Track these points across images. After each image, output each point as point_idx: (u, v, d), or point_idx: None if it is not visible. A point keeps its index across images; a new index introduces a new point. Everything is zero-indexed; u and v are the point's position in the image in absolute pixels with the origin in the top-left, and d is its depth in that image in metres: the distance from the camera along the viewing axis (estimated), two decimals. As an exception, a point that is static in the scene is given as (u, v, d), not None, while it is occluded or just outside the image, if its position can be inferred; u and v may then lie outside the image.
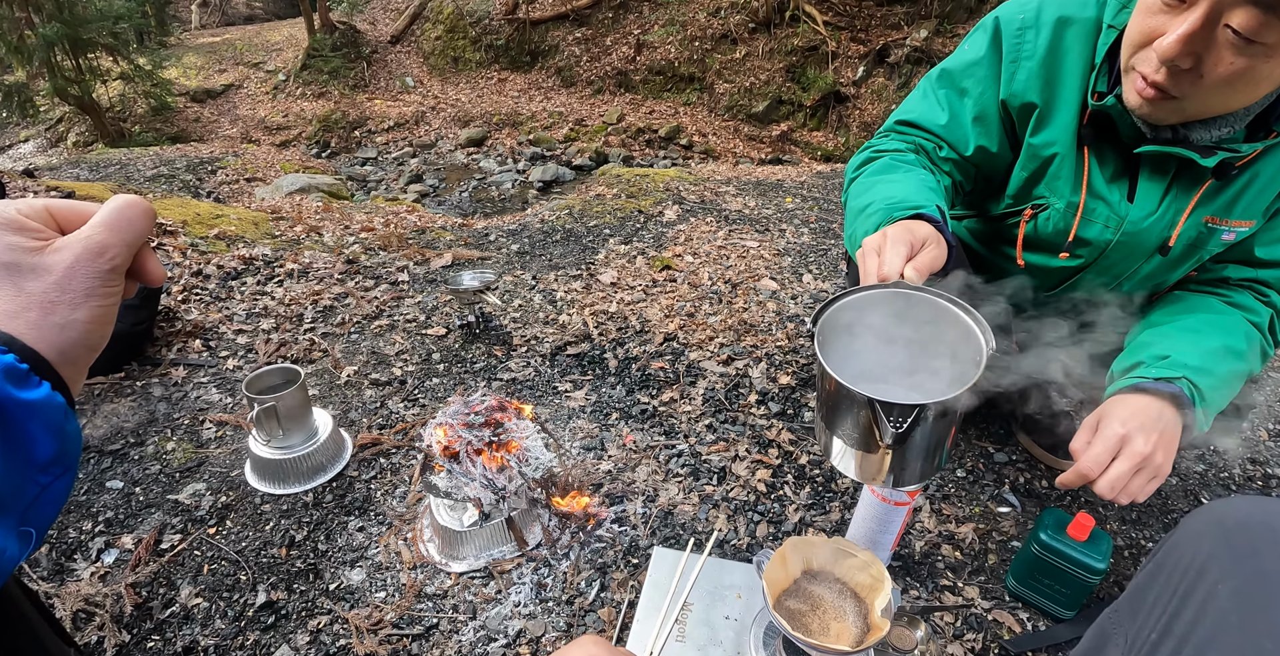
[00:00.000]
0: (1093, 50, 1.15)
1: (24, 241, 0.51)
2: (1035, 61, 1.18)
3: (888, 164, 1.31)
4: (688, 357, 2.15)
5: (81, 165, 5.49)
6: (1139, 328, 1.30)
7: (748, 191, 3.96)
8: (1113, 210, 1.20)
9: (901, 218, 1.08)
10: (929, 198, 1.15)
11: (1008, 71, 1.21)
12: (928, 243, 1.01)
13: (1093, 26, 1.14)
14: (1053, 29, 1.16)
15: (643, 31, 12.11)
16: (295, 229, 3.28)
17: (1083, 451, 1.06)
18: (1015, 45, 1.19)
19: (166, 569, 1.43)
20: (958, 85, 1.29)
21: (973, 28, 1.34)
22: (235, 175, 5.70)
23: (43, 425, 0.47)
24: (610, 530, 1.48)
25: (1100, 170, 1.20)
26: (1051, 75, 1.18)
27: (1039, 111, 1.20)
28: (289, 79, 11.74)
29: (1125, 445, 1.03)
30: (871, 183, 1.26)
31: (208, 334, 2.27)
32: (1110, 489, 1.03)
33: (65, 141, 9.08)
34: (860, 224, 1.18)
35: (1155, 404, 1.06)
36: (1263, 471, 1.87)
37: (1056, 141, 1.20)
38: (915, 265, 0.97)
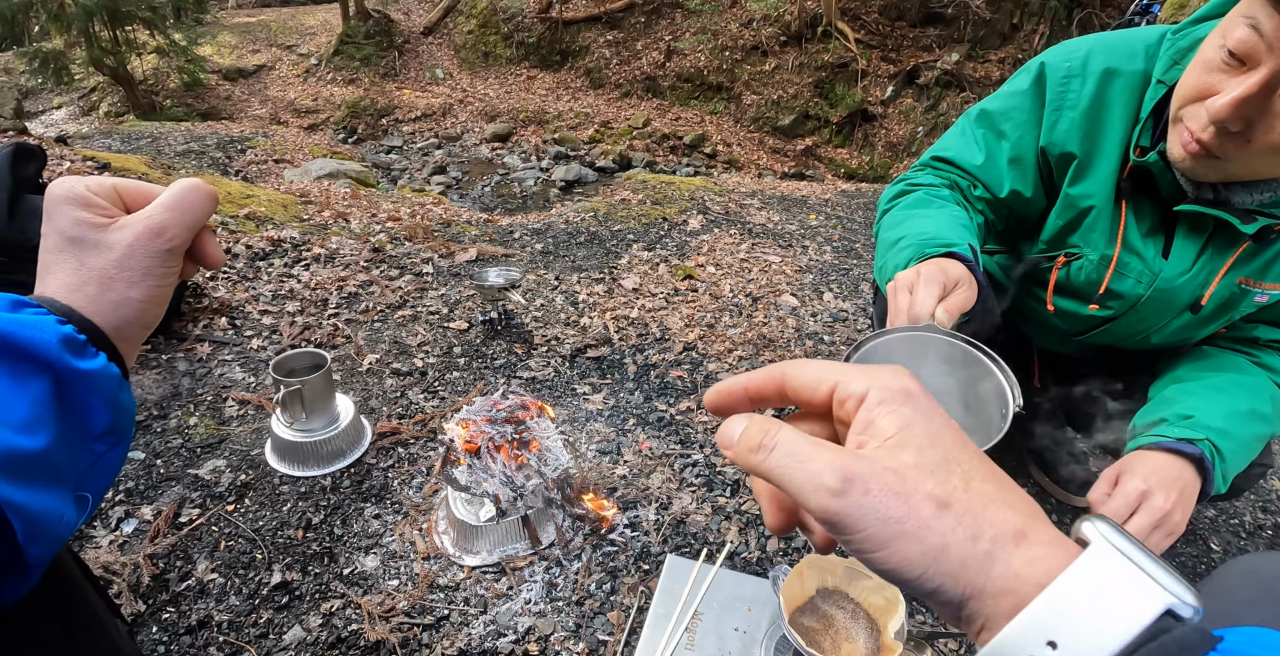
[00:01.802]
0: (1137, 103, 1.13)
1: (90, 217, 0.53)
2: (1078, 112, 1.17)
3: (922, 198, 1.31)
4: (706, 368, 2.17)
5: (114, 136, 5.55)
6: (1165, 381, 1.30)
7: (772, 205, 3.98)
8: (1146, 265, 1.19)
9: (934, 254, 1.09)
10: (962, 235, 1.15)
11: (1049, 119, 1.20)
12: (960, 283, 1.02)
13: (1139, 79, 1.13)
14: (1099, 80, 1.15)
15: (674, 38, 12.15)
16: (323, 214, 3.31)
17: (1101, 503, 1.07)
18: (1060, 93, 1.18)
19: (184, 542, 1.45)
20: (996, 127, 1.29)
21: (1018, 70, 1.35)
22: (264, 155, 5.75)
23: (98, 395, 0.49)
24: (623, 535, 1.49)
25: (1137, 224, 1.19)
26: (1094, 126, 1.17)
27: (1078, 162, 1.19)
28: (321, 63, 11.84)
29: (1145, 501, 1.04)
30: (905, 216, 1.27)
31: (234, 312, 2.30)
32: None
33: (97, 111, 9.19)
34: (892, 257, 1.19)
35: (1176, 463, 1.07)
36: (1273, 521, 1.87)
37: (1094, 194, 1.19)
38: (946, 306, 0.97)
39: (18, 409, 0.44)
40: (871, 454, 0.34)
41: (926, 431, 0.34)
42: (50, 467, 0.46)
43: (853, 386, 0.36)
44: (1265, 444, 1.24)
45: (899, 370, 0.38)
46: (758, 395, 0.41)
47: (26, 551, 0.45)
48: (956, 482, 0.32)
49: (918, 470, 0.32)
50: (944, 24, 10.39)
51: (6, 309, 0.46)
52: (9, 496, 0.43)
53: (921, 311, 0.96)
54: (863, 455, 0.33)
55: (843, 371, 0.38)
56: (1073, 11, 9.45)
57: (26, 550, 0.45)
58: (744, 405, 0.42)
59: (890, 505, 0.32)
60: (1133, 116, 1.14)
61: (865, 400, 0.36)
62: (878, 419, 0.35)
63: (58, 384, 0.47)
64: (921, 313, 0.96)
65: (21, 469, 0.44)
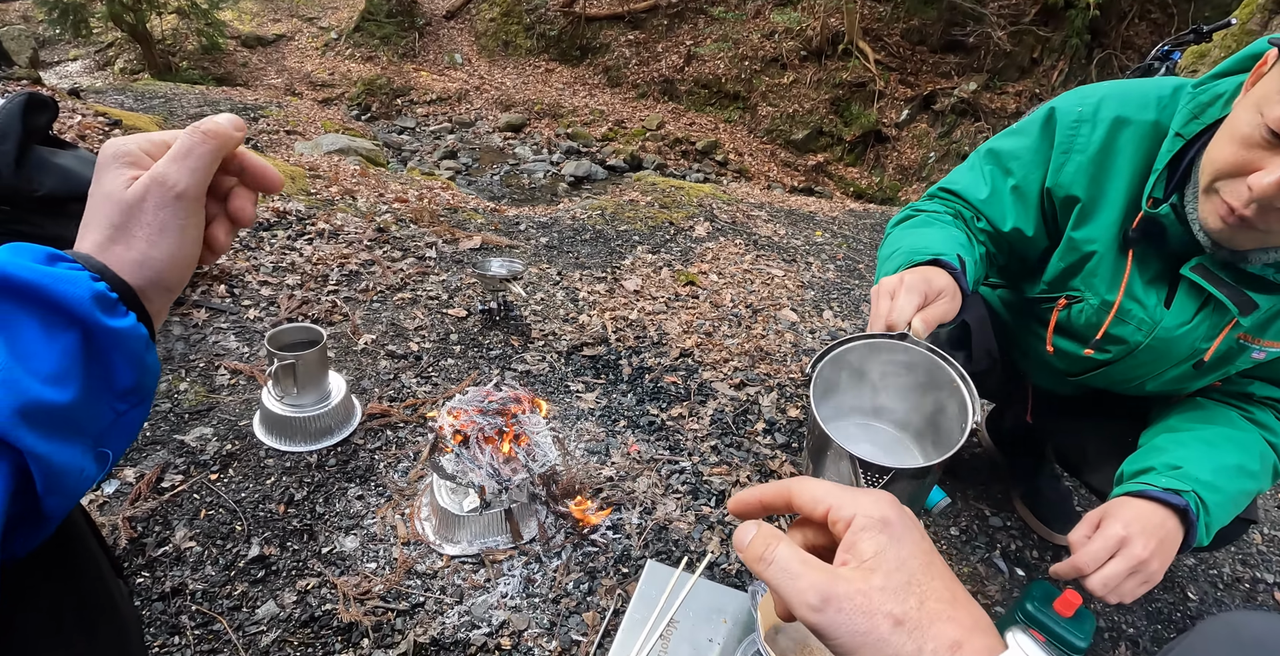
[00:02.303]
0: (1146, 153, 1.14)
1: (129, 174, 0.53)
2: (1086, 156, 1.18)
3: (924, 221, 1.34)
4: (701, 376, 2.17)
5: (127, 93, 5.51)
6: (1156, 429, 1.30)
7: (779, 219, 3.99)
8: (1147, 314, 1.20)
9: (920, 262, 1.11)
10: (951, 247, 1.16)
11: (1056, 161, 1.21)
12: (943, 294, 1.04)
13: (1149, 129, 1.14)
14: (1109, 127, 1.16)
15: (695, 43, 12.16)
16: (331, 189, 3.30)
17: (1080, 545, 1.08)
18: (1069, 137, 1.20)
19: (164, 508, 1.44)
20: (1003, 164, 1.30)
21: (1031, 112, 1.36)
22: (276, 126, 5.72)
23: (125, 354, 0.49)
24: (605, 536, 1.49)
25: (1140, 273, 1.19)
26: (1100, 172, 1.18)
27: (1082, 206, 1.20)
28: (340, 38, 11.79)
29: (1124, 547, 1.04)
30: (904, 234, 1.30)
31: (233, 281, 2.28)
32: (1102, 586, 1.04)
33: (113, 66, 9.11)
34: (883, 268, 1.22)
35: (1159, 512, 1.08)
36: (1251, 574, 1.89)
37: (1097, 239, 1.20)
38: (924, 316, 0.99)
39: (47, 361, 0.45)
40: (848, 575, 0.42)
41: (896, 556, 0.42)
42: (73, 421, 0.46)
43: (843, 511, 0.45)
44: (1251, 499, 1.25)
45: (882, 498, 0.46)
46: (770, 505, 0.50)
47: (44, 502, 0.45)
48: (913, 603, 0.41)
49: (883, 592, 0.41)
50: (964, 52, 10.44)
51: (43, 261, 0.46)
52: (32, 446, 0.43)
53: (899, 318, 0.98)
54: (840, 576, 0.42)
55: (836, 495, 0.46)
56: (1093, 51, 9.52)
57: (44, 501, 0.45)
58: (759, 511, 0.51)
59: (857, 622, 0.40)
60: (1140, 166, 1.16)
61: (851, 524, 0.44)
62: (859, 542, 0.43)
63: (86, 339, 0.47)
64: (899, 319, 0.98)
65: (46, 420, 0.44)
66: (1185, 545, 1.09)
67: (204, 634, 1.21)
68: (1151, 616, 1.64)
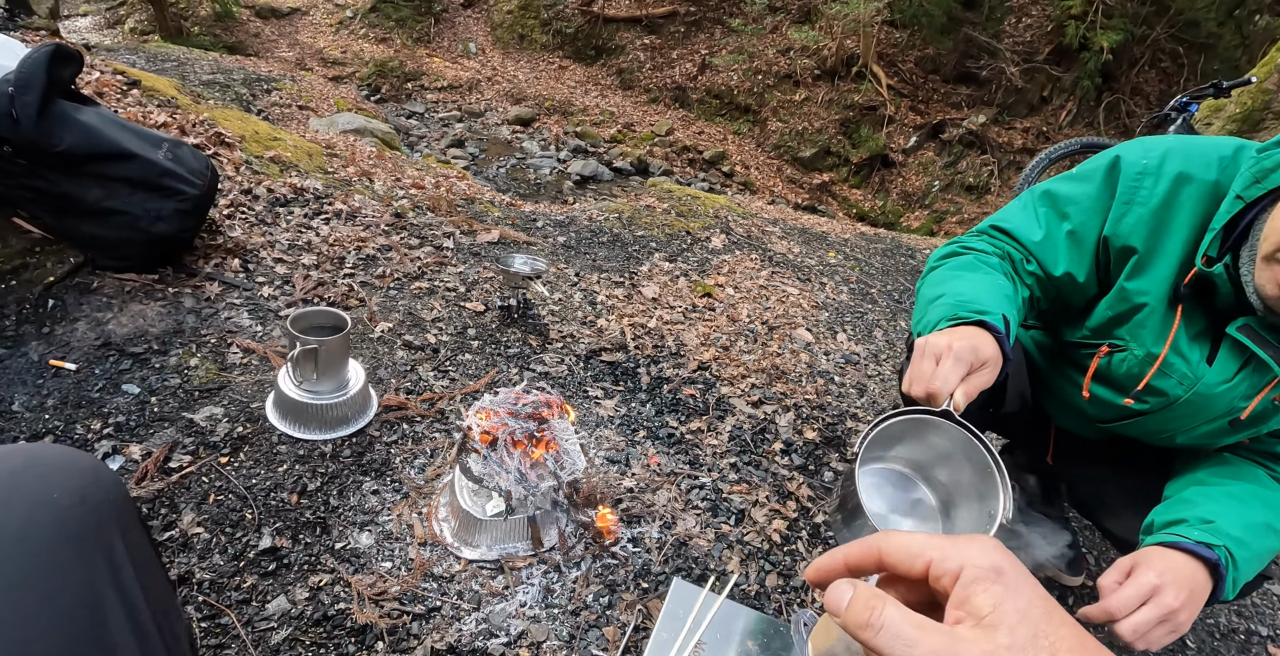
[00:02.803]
0: (1205, 212, 1.15)
1: None
2: (1147, 209, 1.18)
3: (970, 262, 1.32)
4: (719, 391, 2.14)
5: (139, 54, 5.39)
6: (1184, 482, 1.31)
7: (792, 236, 3.97)
8: (1190, 369, 1.20)
9: (966, 319, 1.11)
10: (998, 304, 1.16)
11: (1117, 211, 1.21)
12: (987, 364, 1.05)
13: (1209, 189, 1.14)
14: (1172, 182, 1.16)
15: (710, 53, 12.17)
16: (348, 169, 3.24)
17: (1110, 590, 1.08)
18: (1131, 188, 1.20)
19: (172, 489, 1.39)
20: (1060, 208, 1.29)
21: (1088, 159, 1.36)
22: (289, 100, 5.62)
23: None
24: (625, 549, 1.45)
25: (1186, 327, 1.20)
26: (1159, 226, 1.18)
27: (1138, 257, 1.20)
28: (356, 17, 11.65)
29: (1156, 595, 1.05)
30: (950, 276, 1.29)
31: (247, 255, 2.22)
32: (1133, 632, 1.05)
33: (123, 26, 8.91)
34: (929, 313, 1.22)
35: (1191, 564, 1.09)
36: (1246, 626, 1.89)
37: (1150, 291, 1.20)
38: (966, 389, 1.01)
39: None
40: (970, 636, 0.38)
41: (1016, 609, 0.38)
42: None
43: (947, 564, 0.41)
44: (1274, 556, 1.25)
45: (988, 545, 0.42)
46: (857, 568, 0.45)
47: None
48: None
49: (1010, 651, 0.37)
50: (976, 85, 10.54)
51: None
52: None
53: (943, 388, 1.01)
54: (962, 637, 0.38)
55: (937, 546, 0.42)
56: (1102, 94, 9.65)
57: None
58: (844, 576, 0.45)
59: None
60: (1198, 223, 1.16)
61: (960, 577, 0.40)
62: (972, 597, 0.39)
63: None
64: (943, 389, 1.00)
65: None
66: (1212, 598, 1.10)
67: (211, 627, 1.15)
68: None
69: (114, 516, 0.65)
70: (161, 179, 2.02)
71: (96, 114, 2.04)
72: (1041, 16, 10.18)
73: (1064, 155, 4.36)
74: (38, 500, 0.60)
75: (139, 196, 2.01)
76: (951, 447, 1.11)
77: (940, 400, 1.01)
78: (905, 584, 0.44)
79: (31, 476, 0.62)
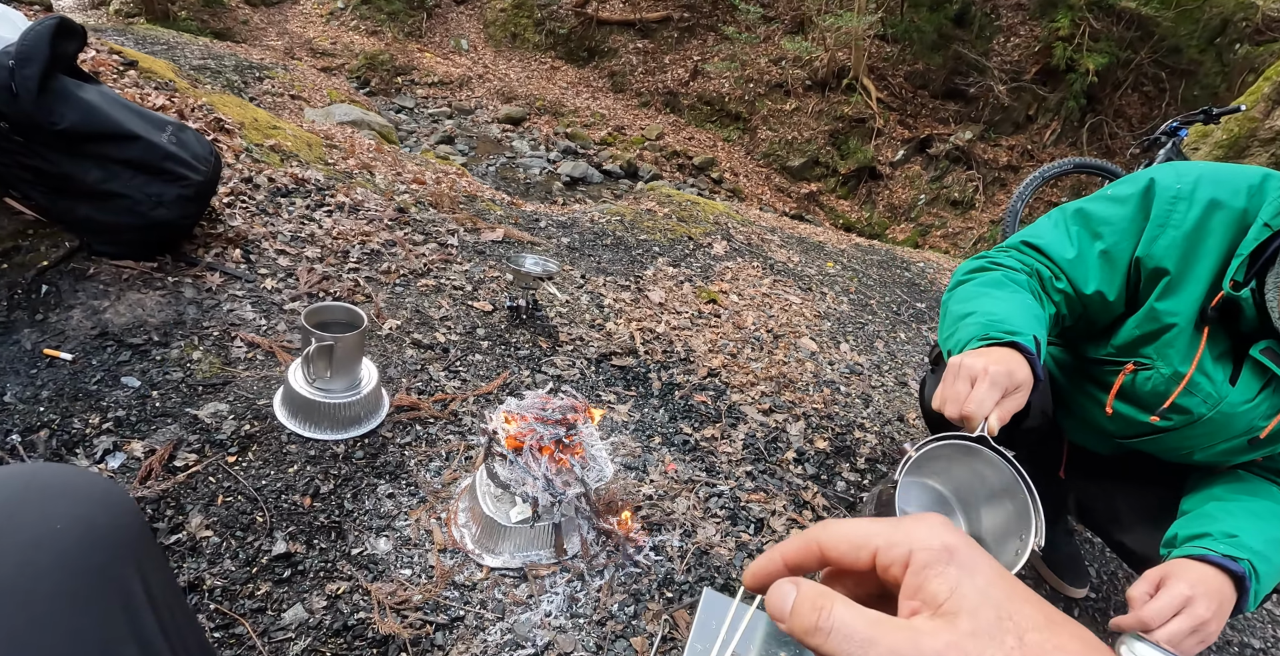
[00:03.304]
0: (1233, 238, 1.18)
1: None
2: (1180, 232, 1.21)
3: (998, 278, 1.34)
4: (730, 398, 2.11)
5: (128, 35, 5.22)
6: (1201, 497, 1.34)
7: (791, 245, 3.97)
8: (1214, 389, 1.23)
9: (998, 340, 1.14)
10: (1029, 325, 1.18)
11: (1151, 233, 1.23)
12: (1020, 388, 1.08)
13: (1238, 216, 1.18)
14: (1204, 208, 1.19)
15: (703, 59, 12.21)
16: (348, 162, 3.16)
17: (1141, 600, 1.11)
18: (1166, 212, 1.22)
19: (177, 489, 1.32)
20: (1093, 228, 1.31)
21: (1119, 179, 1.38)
22: (281, 89, 5.49)
23: None
24: (648, 557, 1.42)
25: (1210, 348, 1.23)
26: (1191, 249, 1.21)
27: (1170, 279, 1.23)
28: (347, 8, 11.49)
29: (1189, 606, 1.09)
30: (978, 292, 1.31)
31: (249, 246, 2.15)
32: (1167, 642, 1.10)
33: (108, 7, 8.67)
34: (959, 330, 1.24)
35: (1219, 577, 1.13)
36: (1240, 638, 1.91)
37: (1180, 313, 1.23)
38: (1000, 414, 1.05)
39: None
40: (928, 626, 0.34)
41: (975, 590, 0.35)
42: None
43: (895, 551, 0.37)
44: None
45: (935, 523, 0.38)
46: (798, 566, 0.41)
47: None
48: (1011, 643, 0.34)
49: (976, 638, 0.34)
50: (964, 101, 10.69)
51: None
52: None
53: (978, 412, 1.04)
54: (921, 631, 0.34)
55: (880, 534, 0.38)
56: (1085, 115, 9.84)
57: None
58: (784, 576, 0.40)
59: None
60: (1226, 249, 1.20)
61: (910, 563, 0.36)
62: (927, 583, 0.36)
63: None
64: (977, 413, 1.04)
65: None
66: (1236, 609, 1.14)
67: (225, 637, 1.10)
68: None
69: (130, 550, 0.54)
70: (164, 163, 1.95)
71: (99, 92, 1.96)
72: (1030, 37, 10.36)
73: (1057, 174, 4.42)
74: (35, 538, 0.50)
75: (140, 180, 1.93)
76: (984, 470, 1.14)
77: (975, 423, 1.04)
78: (853, 577, 0.41)
79: (29, 506, 0.52)
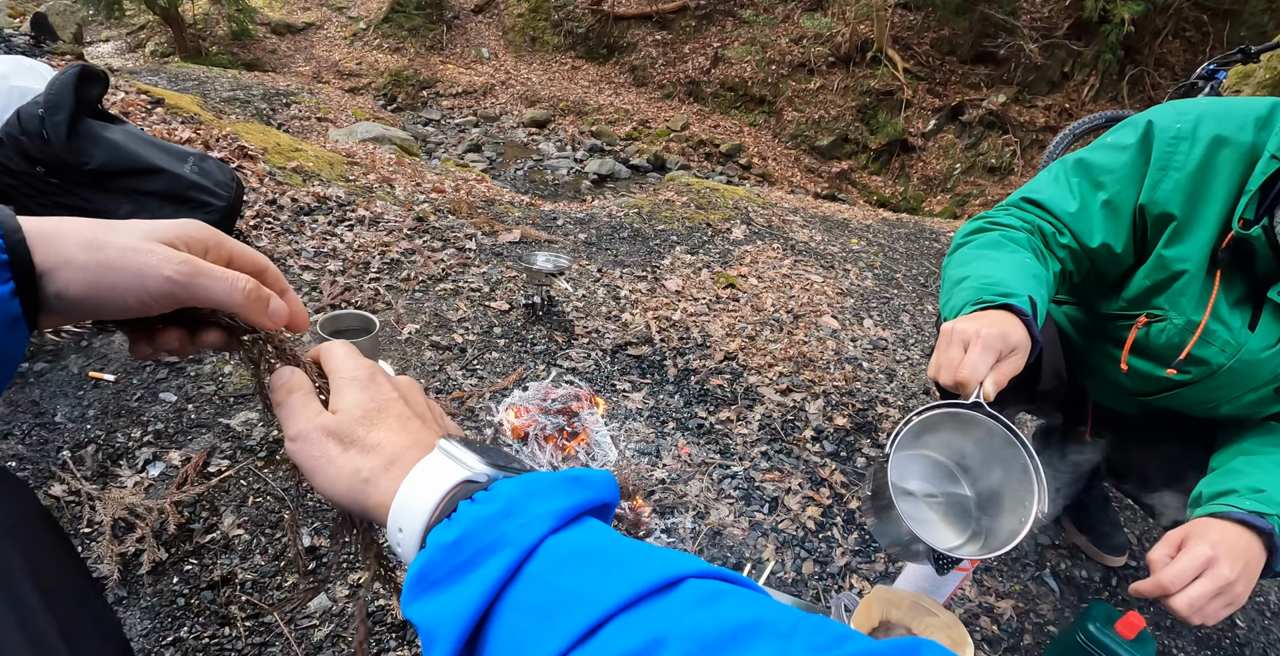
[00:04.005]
0: (1242, 174, 1.12)
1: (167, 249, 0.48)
2: (1184, 174, 1.15)
3: (996, 239, 1.29)
4: (746, 380, 2.13)
5: (161, 74, 5.50)
6: (1230, 452, 1.28)
7: (814, 225, 3.94)
8: (1232, 336, 1.17)
9: (991, 302, 1.09)
10: (1025, 285, 1.13)
11: (1153, 178, 1.18)
12: (1016, 351, 1.03)
13: (1247, 150, 1.12)
14: (1208, 146, 1.13)
15: (722, 46, 12.12)
16: (369, 177, 3.28)
17: (1162, 564, 1.05)
18: (1167, 154, 1.17)
19: (212, 493, 1.41)
20: (1094, 178, 1.26)
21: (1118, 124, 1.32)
22: (308, 112, 5.70)
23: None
24: (659, 540, 1.45)
25: (1226, 293, 1.17)
26: (1197, 191, 1.15)
27: (1176, 224, 1.17)
28: (369, 28, 11.80)
29: (1211, 567, 1.02)
30: (975, 255, 1.26)
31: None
32: (1188, 607, 1.01)
33: (144, 49, 9.12)
34: (954, 296, 1.19)
35: (1245, 535, 1.06)
36: None
37: (1189, 258, 1.17)
38: (996, 377, 1.00)
39: None
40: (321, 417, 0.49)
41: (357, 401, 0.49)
42: None
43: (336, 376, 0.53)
44: None
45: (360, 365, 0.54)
46: None
47: None
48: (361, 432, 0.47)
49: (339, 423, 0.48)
50: (994, 64, 10.36)
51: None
52: None
53: (972, 377, 0.99)
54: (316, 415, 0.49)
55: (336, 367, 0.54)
56: (1125, 67, 9.42)
57: None
58: None
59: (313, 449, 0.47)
60: (1236, 187, 1.13)
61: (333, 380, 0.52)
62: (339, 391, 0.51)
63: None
64: (971, 378, 0.99)
65: None
66: (1266, 570, 1.07)
67: (255, 625, 1.17)
68: (1201, 642, 1.60)
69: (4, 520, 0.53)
70: (189, 192, 2.06)
71: (123, 131, 2.09)
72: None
73: (1089, 130, 4.27)
74: None
75: (168, 209, 2.05)
76: (984, 438, 1.11)
77: (970, 389, 1.01)
78: None
79: None
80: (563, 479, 0.43)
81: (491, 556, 0.39)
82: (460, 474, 0.43)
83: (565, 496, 0.41)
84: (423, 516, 0.42)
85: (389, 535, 0.44)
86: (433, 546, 0.40)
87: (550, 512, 0.40)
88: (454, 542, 0.39)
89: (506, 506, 0.40)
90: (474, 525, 0.40)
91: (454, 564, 0.39)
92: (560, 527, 0.41)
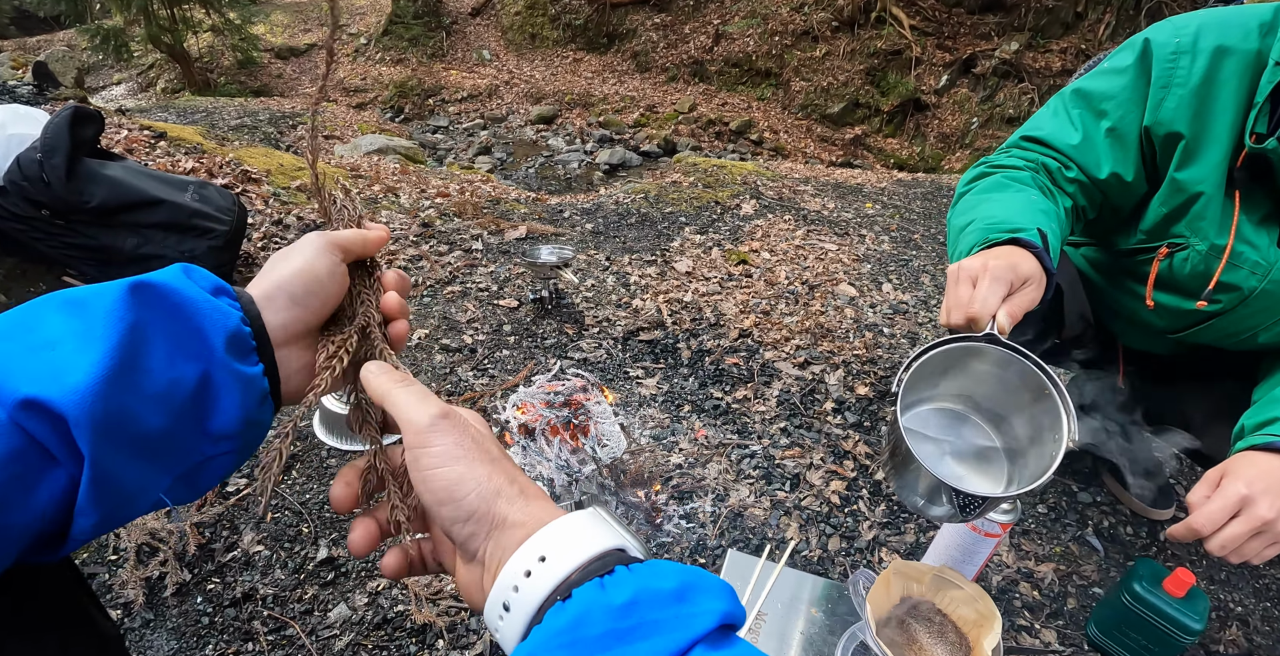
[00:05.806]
0: (1251, 85, 1.05)
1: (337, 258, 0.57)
2: (1188, 90, 1.08)
3: (998, 181, 1.22)
4: (762, 356, 2.08)
5: (170, 110, 5.62)
6: (1273, 381, 1.19)
7: (826, 192, 3.85)
8: (1261, 256, 1.10)
9: (998, 240, 1.02)
10: (1032, 219, 1.07)
11: (1155, 97, 1.11)
12: (1029, 281, 0.96)
13: (1253, 59, 1.04)
14: (1210, 57, 1.06)
15: (723, 22, 11.92)
16: (373, 188, 3.29)
17: (1198, 505, 0.98)
18: (1167, 70, 1.10)
19: (231, 512, 1.43)
20: (1095, 106, 1.19)
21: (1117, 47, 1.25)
22: (314, 131, 5.76)
23: (235, 400, 0.47)
24: (679, 526, 1.42)
25: (1248, 213, 1.10)
26: (1203, 106, 1.08)
27: (1186, 143, 1.10)
28: (370, 43, 11.89)
29: (1247, 507, 0.95)
30: (978, 200, 1.19)
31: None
32: (1221, 548, 0.95)
33: (155, 87, 9.34)
34: (960, 242, 1.13)
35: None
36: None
37: (1205, 179, 1.11)
38: (1010, 309, 0.92)
39: (157, 381, 0.43)
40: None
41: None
42: (152, 447, 0.43)
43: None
44: None
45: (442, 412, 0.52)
46: None
47: (75, 522, 0.40)
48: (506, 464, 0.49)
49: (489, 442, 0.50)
50: (1003, 11, 10.00)
51: (208, 289, 0.48)
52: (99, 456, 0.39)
53: (983, 311, 0.91)
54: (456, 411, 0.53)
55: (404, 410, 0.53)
56: (1141, 1, 9.02)
57: (76, 520, 0.40)
58: None
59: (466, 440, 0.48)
60: (1245, 99, 1.06)
61: None
62: None
63: (205, 375, 0.45)
64: (983, 312, 0.91)
65: (125, 437, 0.41)
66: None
67: (277, 639, 1.18)
68: (1259, 593, 1.52)
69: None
70: (191, 219, 2.09)
71: (122, 167, 2.12)
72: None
73: (1107, 67, 4.09)
74: None
75: (173, 239, 2.08)
76: (1003, 373, 1.01)
77: (983, 324, 0.92)
78: None
79: None
80: (717, 582, 0.42)
81: (657, 635, 0.37)
82: (616, 540, 0.43)
83: (728, 600, 0.40)
84: (576, 559, 0.41)
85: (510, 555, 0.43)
86: (590, 601, 0.39)
87: (716, 610, 0.39)
88: (624, 606, 0.38)
89: (679, 590, 0.39)
90: (647, 596, 0.39)
91: (616, 628, 0.37)
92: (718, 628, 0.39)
